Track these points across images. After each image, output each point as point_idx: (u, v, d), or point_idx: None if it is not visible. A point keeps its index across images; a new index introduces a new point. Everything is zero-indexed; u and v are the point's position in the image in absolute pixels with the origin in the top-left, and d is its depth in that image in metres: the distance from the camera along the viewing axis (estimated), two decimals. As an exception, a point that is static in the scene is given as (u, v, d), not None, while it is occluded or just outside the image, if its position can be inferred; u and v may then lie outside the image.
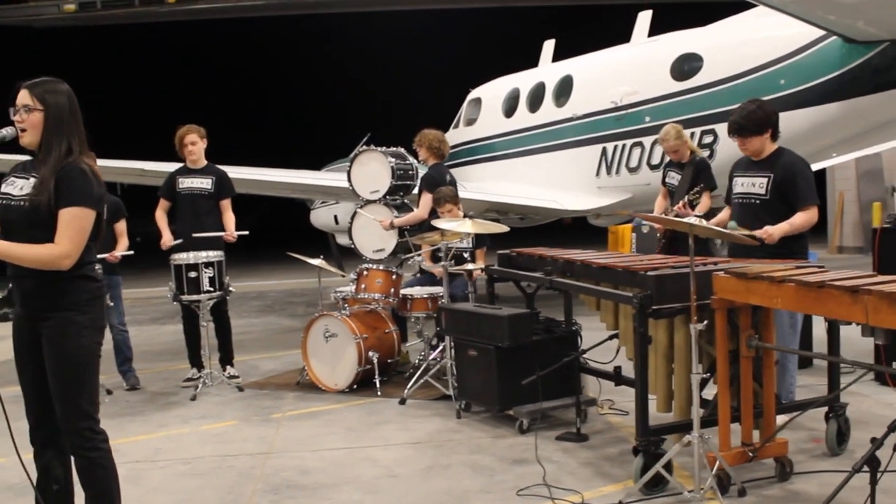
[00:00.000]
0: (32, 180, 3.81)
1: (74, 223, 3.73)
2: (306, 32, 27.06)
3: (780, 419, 5.00)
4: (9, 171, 4.02)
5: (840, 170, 18.21)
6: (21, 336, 3.98)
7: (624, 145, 11.51)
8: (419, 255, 7.99)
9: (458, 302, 7.62)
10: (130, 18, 20.89)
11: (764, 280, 4.13)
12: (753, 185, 5.82)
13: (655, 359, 5.02)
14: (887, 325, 3.40)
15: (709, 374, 4.85)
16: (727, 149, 10.00)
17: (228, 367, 8.52)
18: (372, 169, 9.82)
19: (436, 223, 7.42)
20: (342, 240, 15.93)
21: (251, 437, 6.46)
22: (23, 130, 3.83)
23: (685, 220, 4.58)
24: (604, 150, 11.82)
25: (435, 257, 8.24)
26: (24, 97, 3.83)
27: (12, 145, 3.95)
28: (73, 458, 3.94)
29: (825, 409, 5.37)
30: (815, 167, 11.65)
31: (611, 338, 5.83)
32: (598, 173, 11.99)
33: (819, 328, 6.48)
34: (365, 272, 8.03)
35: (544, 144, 12.93)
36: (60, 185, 3.74)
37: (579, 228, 16.82)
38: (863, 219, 18.88)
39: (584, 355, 6.35)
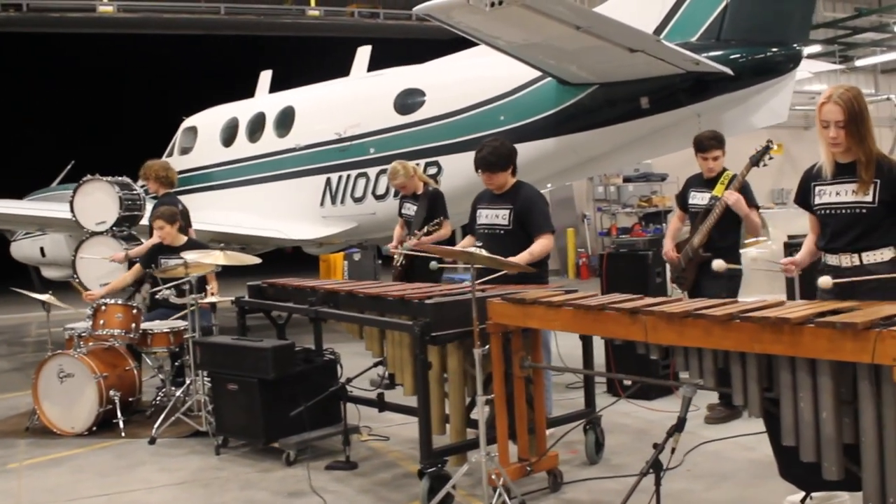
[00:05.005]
0: None
1: None
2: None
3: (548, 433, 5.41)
4: None
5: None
6: None
7: (349, 175, 11.78)
8: (169, 287, 7.78)
9: (203, 335, 7.53)
10: None
11: (542, 305, 4.50)
12: (497, 216, 6.28)
13: (430, 383, 5.25)
14: (664, 341, 3.84)
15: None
16: (450, 179, 10.54)
17: (-62, 416, 7.87)
18: (97, 199, 9.51)
19: (185, 255, 7.33)
20: (49, 273, 15.11)
21: (-9, 492, 5.98)
22: None
23: (468, 248, 4.88)
24: (328, 181, 12.04)
25: (179, 290, 8.05)
26: None
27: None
28: None
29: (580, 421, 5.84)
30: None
31: (375, 365, 6.03)
32: (322, 203, 12.18)
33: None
34: (103, 307, 7.70)
35: (266, 174, 12.96)
36: None
37: (293, 257, 16.91)
38: (558, 243, 20.29)
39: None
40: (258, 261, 7.48)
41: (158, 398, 7.97)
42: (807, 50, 19.70)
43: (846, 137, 4.34)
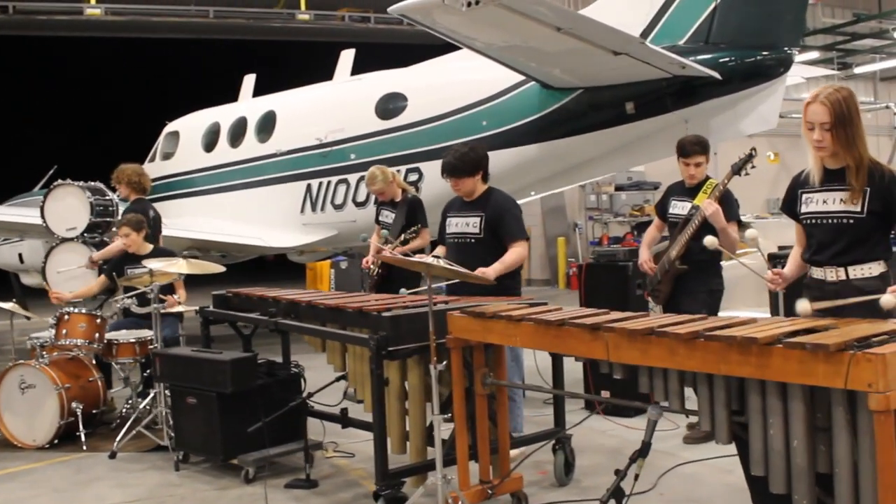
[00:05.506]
0: None
1: None
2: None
3: (513, 453, 5.13)
4: None
5: (527, 206, 19.02)
6: None
7: (329, 182, 11.52)
8: (129, 297, 7.53)
9: (169, 345, 7.28)
10: None
11: (502, 319, 4.22)
12: (468, 224, 6.01)
13: (389, 400, 4.99)
14: (627, 360, 3.56)
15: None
16: (431, 187, 10.26)
17: None
18: (68, 204, 9.27)
19: (146, 262, 7.06)
20: (28, 279, 14.83)
21: (-61, 509, 5.72)
22: None
23: (424, 259, 4.61)
24: (308, 187, 11.78)
25: (143, 299, 7.78)
26: None
27: None
28: None
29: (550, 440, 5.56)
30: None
31: (338, 379, 5.77)
32: (302, 210, 11.92)
33: (529, 359, 6.78)
34: (66, 316, 7.43)
35: (247, 180, 12.68)
36: None
37: (279, 265, 16.65)
38: (548, 253, 19.97)
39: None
40: (222, 269, 7.22)
41: (124, 410, 7.72)
42: (804, 56, 19.56)
43: (832, 141, 3.98)
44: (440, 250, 6.29)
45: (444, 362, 4.48)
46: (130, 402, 7.67)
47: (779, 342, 3.03)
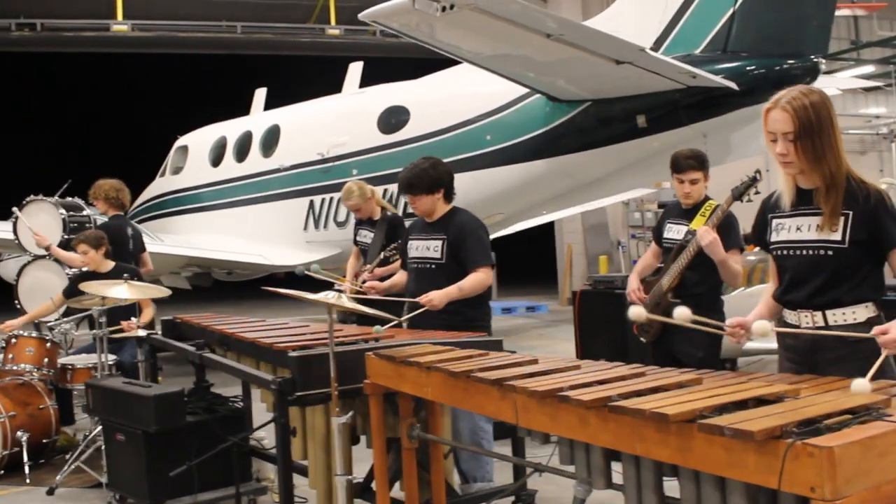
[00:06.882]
0: None
1: None
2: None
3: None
4: None
5: (568, 223, 18.43)
6: None
7: (332, 198, 11.00)
8: (67, 321, 7.01)
9: (126, 370, 6.78)
10: None
11: (413, 366, 3.51)
12: (428, 248, 5.37)
13: (314, 449, 4.33)
14: (537, 426, 2.83)
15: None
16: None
17: None
18: (41, 221, 8.81)
19: (84, 287, 6.48)
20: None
21: None
22: None
23: (319, 296, 3.90)
24: (311, 203, 11.29)
25: (92, 323, 7.23)
26: None
27: None
28: None
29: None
30: (528, 224, 11.64)
31: (273, 420, 5.11)
32: (305, 227, 11.42)
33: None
34: (13, 340, 6.92)
35: (251, 196, 12.30)
36: None
37: (302, 281, 16.13)
38: (590, 271, 19.17)
39: (258, 437, 5.68)
40: (168, 293, 6.63)
41: (84, 438, 7.16)
42: (859, 70, 18.54)
43: (798, 155, 3.21)
44: (401, 275, 5.68)
45: (350, 413, 3.78)
46: (90, 431, 7.14)
47: (697, 420, 2.26)
